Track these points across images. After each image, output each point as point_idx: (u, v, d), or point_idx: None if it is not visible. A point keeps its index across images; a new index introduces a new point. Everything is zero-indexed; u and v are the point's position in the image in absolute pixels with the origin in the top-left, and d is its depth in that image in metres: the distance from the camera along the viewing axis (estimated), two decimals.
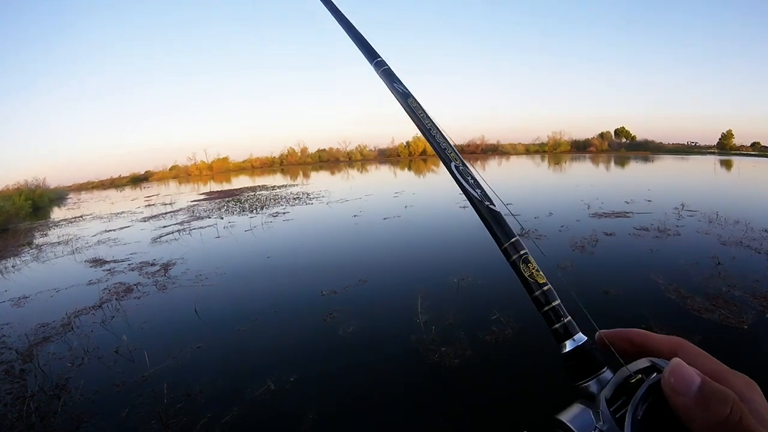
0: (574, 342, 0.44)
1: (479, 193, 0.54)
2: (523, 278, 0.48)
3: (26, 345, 5.32)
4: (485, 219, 0.52)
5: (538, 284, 0.47)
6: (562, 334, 0.44)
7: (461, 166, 0.56)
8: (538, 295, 0.46)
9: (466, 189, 0.55)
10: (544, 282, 0.47)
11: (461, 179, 0.55)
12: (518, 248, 0.49)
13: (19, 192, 33.50)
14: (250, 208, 16.40)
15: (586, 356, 0.43)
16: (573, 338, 0.44)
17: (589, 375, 0.42)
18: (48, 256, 11.32)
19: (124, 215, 18.84)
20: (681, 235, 8.10)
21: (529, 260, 0.48)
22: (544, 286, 0.47)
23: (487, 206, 0.53)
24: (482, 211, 0.53)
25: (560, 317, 0.45)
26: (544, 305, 0.46)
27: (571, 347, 0.43)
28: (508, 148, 59.11)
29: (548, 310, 0.46)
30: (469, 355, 4.10)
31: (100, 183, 61.54)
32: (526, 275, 0.47)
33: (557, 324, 0.45)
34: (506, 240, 0.50)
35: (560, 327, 0.45)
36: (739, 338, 4.08)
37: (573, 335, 0.44)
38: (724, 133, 54.87)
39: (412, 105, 0.65)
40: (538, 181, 21.77)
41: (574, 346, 0.43)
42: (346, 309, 5.39)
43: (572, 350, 0.43)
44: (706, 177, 22.16)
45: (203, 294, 6.46)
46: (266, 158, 63.46)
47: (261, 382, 3.88)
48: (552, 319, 0.45)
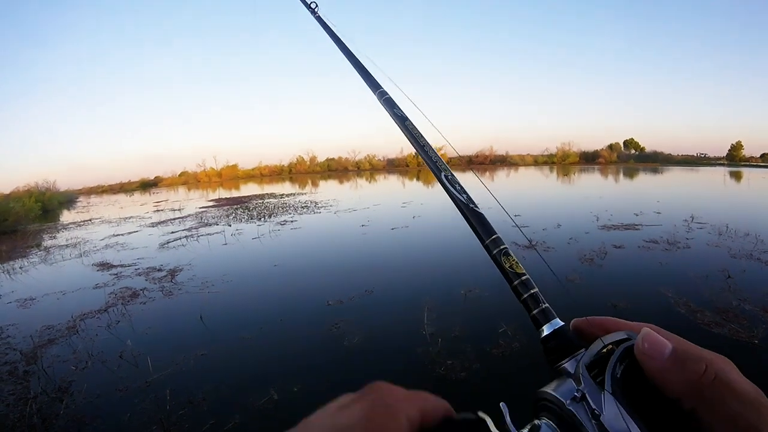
0: (552, 326, 0.46)
1: (465, 198, 0.60)
2: (504, 270, 0.52)
3: (31, 346, 5.34)
4: (469, 219, 0.58)
5: (517, 274, 0.50)
6: (540, 320, 0.47)
7: (450, 176, 0.64)
8: (517, 284, 0.50)
9: (453, 194, 0.61)
10: (522, 272, 0.51)
11: (449, 186, 0.62)
12: (498, 244, 0.54)
13: (29, 194, 33.84)
14: (258, 215, 16.43)
15: (563, 338, 0.45)
16: (550, 322, 0.47)
17: (566, 356, 0.43)
18: (56, 258, 11.40)
19: (132, 220, 18.96)
20: (691, 247, 8.02)
21: (509, 253, 0.53)
22: (523, 276, 0.50)
23: (471, 208, 0.59)
24: (466, 212, 0.59)
25: (538, 304, 0.48)
26: (522, 294, 0.49)
27: (549, 331, 0.46)
28: (517, 159, 59.13)
29: (527, 297, 0.49)
30: (475, 368, 4.04)
31: (109, 187, 62.12)
32: (506, 266, 0.51)
33: (535, 310, 0.48)
34: (488, 237, 0.55)
35: (538, 313, 0.47)
36: (750, 353, 4.00)
37: (550, 320, 0.47)
38: (733, 145, 54.76)
39: (409, 126, 0.76)
40: (547, 193, 21.71)
41: (552, 329, 0.46)
42: (352, 319, 5.35)
43: (550, 333, 0.46)
44: (715, 189, 22.02)
45: (209, 301, 6.45)
46: (275, 166, 63.89)
47: (264, 391, 3.85)
48: (530, 306, 0.48)
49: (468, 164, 35.05)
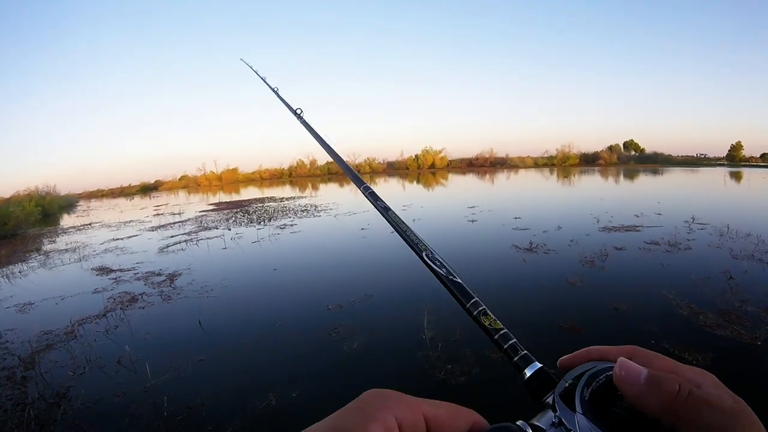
0: (532, 368, 0.50)
1: (445, 271, 0.65)
2: (484, 327, 0.56)
3: (29, 352, 5.31)
4: (450, 289, 0.63)
5: (496, 330, 0.55)
6: (521, 365, 0.51)
7: (430, 254, 0.69)
8: (497, 338, 0.54)
9: (434, 270, 0.66)
10: (500, 327, 0.55)
11: (431, 264, 0.68)
12: (477, 306, 0.58)
13: (30, 198, 33.83)
14: (258, 219, 16.42)
15: (542, 377, 0.49)
16: (530, 366, 0.50)
17: (547, 392, 0.46)
18: (55, 262, 11.38)
19: (132, 224, 18.95)
20: (692, 249, 7.99)
21: (487, 313, 0.57)
22: (501, 330, 0.55)
23: (452, 279, 0.64)
24: (448, 285, 0.64)
25: (517, 352, 0.52)
26: (503, 345, 0.53)
27: (530, 372, 0.49)
28: (517, 162, 59.10)
29: (507, 348, 0.53)
30: (475, 372, 4.01)
31: (110, 191, 62.16)
32: (486, 324, 0.56)
33: (516, 357, 0.52)
34: (468, 301, 0.60)
35: (519, 359, 0.51)
36: (753, 355, 3.98)
37: (530, 363, 0.50)
38: (733, 145, 54.74)
39: (392, 216, 0.84)
40: (547, 195, 21.70)
41: (532, 371, 0.49)
42: (352, 324, 5.32)
43: (531, 375, 0.49)
44: (716, 189, 22.00)
45: (208, 305, 6.43)
46: (275, 170, 63.92)
47: (263, 397, 3.82)
48: (511, 354, 0.52)
49: (468, 166, 35.32)
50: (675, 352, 3.99)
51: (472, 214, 13.72)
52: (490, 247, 9.23)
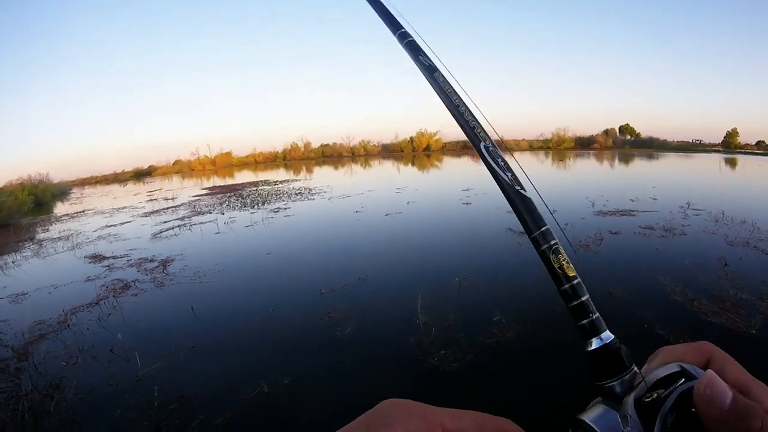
0: (601, 340, 0.42)
1: (510, 177, 0.51)
2: (552, 270, 0.46)
3: (22, 342, 5.27)
4: (515, 205, 0.50)
5: (567, 277, 0.45)
6: (589, 331, 0.43)
7: (491, 147, 0.53)
8: (566, 288, 0.45)
9: (495, 171, 0.52)
10: (573, 275, 0.45)
11: (491, 161, 0.52)
12: (548, 238, 0.47)
13: (22, 187, 33.53)
14: (252, 203, 16.35)
15: (612, 355, 0.41)
16: (600, 336, 0.42)
17: (614, 375, 0.40)
18: (48, 251, 11.30)
19: (125, 210, 18.83)
20: (687, 234, 7.99)
21: (559, 251, 0.46)
22: (574, 280, 0.45)
23: (518, 191, 0.50)
24: (512, 196, 0.50)
25: (588, 313, 0.43)
26: (572, 299, 0.44)
27: (597, 345, 0.42)
28: (512, 145, 58.89)
29: (576, 304, 0.44)
30: (469, 359, 4.00)
31: (103, 178, 61.49)
32: (555, 266, 0.46)
33: (585, 320, 0.43)
34: (536, 228, 0.48)
35: (587, 323, 0.43)
36: (747, 343, 3.97)
37: (600, 333, 0.43)
38: (729, 132, 54.66)
39: (439, 80, 0.61)
40: (542, 178, 21.65)
41: (601, 344, 0.42)
42: (345, 308, 5.31)
43: (598, 348, 0.42)
44: (711, 175, 22.04)
45: (201, 291, 6.41)
46: (269, 153, 63.45)
47: (255, 384, 3.81)
48: (580, 314, 0.44)
49: (463, 149, 35.20)
50: (669, 339, 3.99)
51: (467, 197, 13.69)
52: (484, 230, 9.18)
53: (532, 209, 0.49)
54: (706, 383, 0.35)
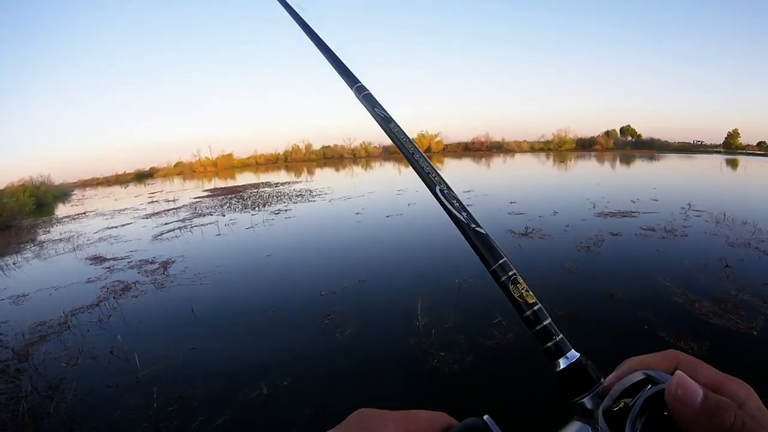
0: (567, 359, 0.43)
1: (465, 216, 0.53)
2: (513, 299, 0.47)
3: (22, 344, 5.28)
4: (472, 242, 0.52)
5: (528, 304, 0.46)
6: (555, 352, 0.44)
7: (446, 190, 0.56)
8: (528, 315, 0.46)
9: (452, 213, 0.54)
10: (533, 302, 0.46)
11: (446, 203, 0.55)
12: (506, 269, 0.49)
13: (24, 188, 33.60)
14: (253, 205, 16.35)
15: (580, 372, 0.43)
16: (566, 356, 0.44)
17: (584, 391, 0.41)
18: (49, 253, 11.31)
19: (126, 212, 18.85)
20: (688, 235, 7.98)
21: (518, 281, 0.48)
22: (534, 306, 0.46)
23: (474, 229, 0.52)
24: (469, 234, 0.52)
25: (552, 336, 0.45)
26: (535, 325, 0.46)
27: (565, 365, 0.43)
28: (513, 146, 58.95)
29: (540, 329, 0.45)
30: (468, 360, 4.00)
31: (104, 179, 61.55)
32: (515, 296, 0.47)
33: (549, 343, 0.45)
34: (494, 262, 0.49)
35: (552, 345, 0.44)
36: (748, 345, 3.96)
37: (566, 353, 0.44)
38: (730, 132, 54.60)
39: (394, 129, 0.65)
40: (543, 180, 21.65)
41: (568, 363, 0.43)
42: (345, 310, 5.30)
43: (566, 367, 0.43)
44: (712, 176, 22.01)
45: (201, 293, 6.41)
46: (270, 155, 63.48)
47: (254, 385, 3.81)
48: (544, 338, 0.45)
49: (464, 151, 35.33)
50: (670, 341, 3.98)
51: (468, 199, 13.64)
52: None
53: (488, 244, 0.51)
54: (676, 384, 0.36)
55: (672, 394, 0.35)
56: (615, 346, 4.06)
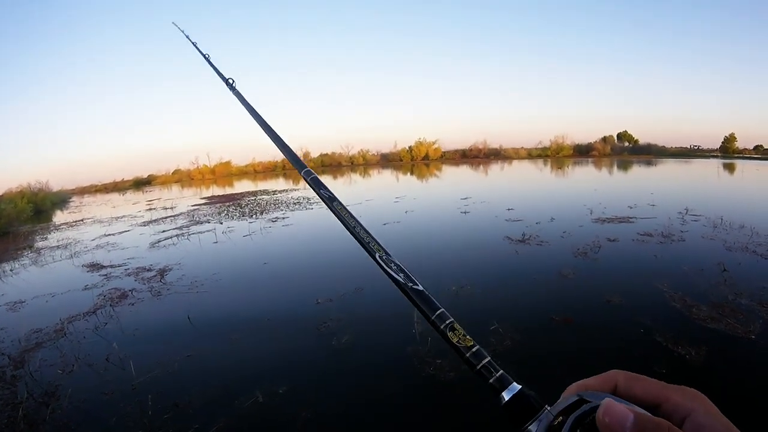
0: (510, 391, 0.46)
1: (403, 277, 0.58)
2: (453, 345, 0.51)
3: (19, 350, 5.27)
4: (411, 298, 0.56)
5: (467, 347, 0.50)
6: (498, 387, 0.47)
7: (384, 256, 0.62)
8: (468, 357, 0.50)
9: (391, 275, 0.59)
10: (472, 344, 0.50)
11: (386, 267, 0.61)
12: (444, 318, 0.53)
13: (22, 195, 33.57)
14: (250, 212, 16.35)
15: (524, 401, 0.45)
16: (508, 388, 0.46)
17: (529, 418, 0.43)
18: (46, 260, 11.29)
19: (124, 219, 18.85)
20: (685, 240, 7.98)
21: (455, 327, 0.52)
22: (473, 348, 0.50)
23: (411, 287, 0.57)
24: (408, 292, 0.57)
25: (492, 372, 0.48)
26: (476, 365, 0.49)
27: (509, 396, 0.46)
28: (511, 153, 59.08)
29: (480, 368, 0.48)
30: (465, 368, 3.92)
31: (103, 186, 61.67)
32: (454, 341, 0.51)
33: (491, 379, 0.47)
34: (432, 313, 0.54)
35: (495, 381, 0.47)
36: (747, 349, 3.95)
37: (507, 386, 0.46)
38: (726, 137, 54.79)
39: (337, 207, 0.73)
40: (541, 186, 21.69)
41: (511, 395, 0.46)
42: (341, 318, 5.29)
43: (510, 399, 0.45)
44: (709, 181, 22.03)
45: (197, 301, 6.38)
46: (269, 163, 63.57)
47: (250, 393, 3.78)
48: (485, 375, 0.48)
49: (461, 158, 35.33)
50: (668, 346, 3.97)
51: (465, 206, 13.69)
52: (482, 238, 9.18)
53: (426, 299, 0.55)
54: (603, 410, 0.36)
55: (601, 422, 0.36)
56: (612, 352, 4.06)
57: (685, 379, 3.52)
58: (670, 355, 3.85)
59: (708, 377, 3.57)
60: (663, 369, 3.63)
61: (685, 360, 3.77)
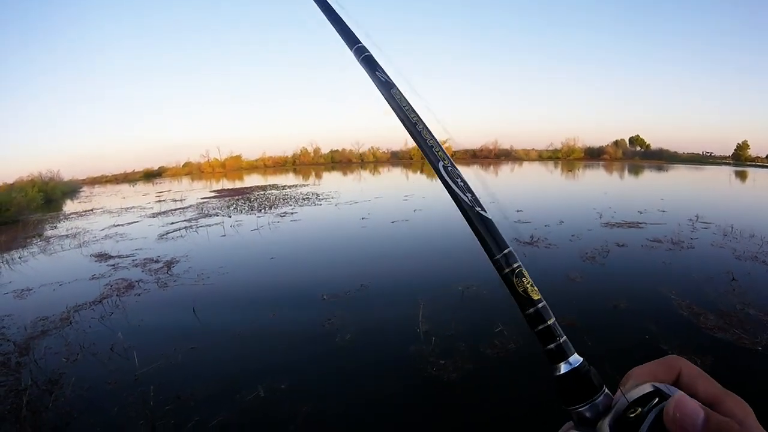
0: (570, 364, 0.41)
1: (470, 198, 0.50)
2: (516, 293, 0.44)
3: (24, 337, 5.31)
4: (475, 227, 0.49)
5: (531, 300, 0.43)
6: (557, 355, 0.41)
7: (450, 167, 0.51)
8: (531, 312, 0.43)
9: (454, 192, 0.50)
10: (538, 298, 0.43)
11: (449, 180, 0.51)
12: (511, 261, 0.46)
13: (33, 184, 33.88)
14: (259, 207, 16.39)
15: (582, 379, 0.40)
16: (568, 360, 0.41)
17: (584, 399, 0.39)
18: (55, 248, 11.39)
19: (134, 210, 18.96)
20: (695, 248, 7.89)
21: (523, 274, 0.45)
22: (539, 303, 0.43)
23: (478, 212, 0.49)
24: (472, 218, 0.49)
25: (555, 337, 0.42)
26: (537, 323, 0.43)
27: (566, 369, 0.41)
28: (521, 154, 58.92)
29: (542, 328, 0.42)
30: (468, 369, 3.95)
31: (113, 177, 62.09)
32: (519, 290, 0.44)
33: (552, 344, 0.42)
34: (498, 251, 0.46)
35: (555, 347, 0.42)
36: (753, 360, 3.90)
37: (568, 357, 0.41)
38: (739, 144, 54.28)
39: (396, 96, 0.58)
40: (551, 188, 21.58)
41: (569, 368, 0.41)
42: (346, 315, 5.28)
43: (567, 372, 0.40)
44: (720, 188, 21.84)
45: (203, 293, 6.41)
46: (279, 157, 63.80)
47: (252, 387, 3.79)
48: (546, 338, 0.42)
49: (472, 157, 35.14)
50: (674, 354, 3.91)
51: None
52: None
53: (493, 231, 0.48)
54: (675, 405, 0.34)
55: (671, 417, 0.34)
56: (617, 357, 4.02)
57: None
58: None
59: None
60: None
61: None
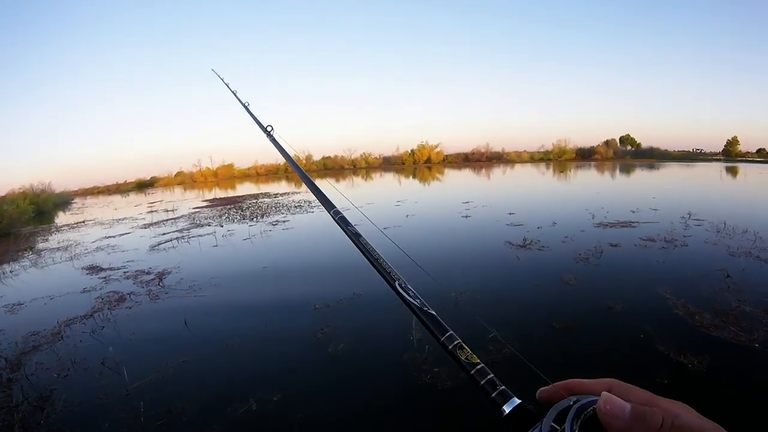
0: (511, 404, 0.49)
1: (418, 302, 0.65)
2: (460, 362, 0.56)
3: (15, 353, 5.23)
4: (424, 321, 0.63)
5: (472, 364, 0.55)
6: (499, 402, 0.50)
7: (403, 284, 0.70)
8: (473, 374, 0.54)
9: (407, 300, 0.66)
10: (477, 362, 0.55)
11: (403, 293, 0.68)
12: (453, 340, 0.59)
13: (24, 196, 33.61)
14: (251, 216, 16.31)
15: (523, 413, 0.48)
16: (509, 402, 0.50)
17: (529, 427, 0.46)
18: (46, 261, 11.28)
19: (125, 221, 18.85)
20: (688, 245, 7.90)
21: (463, 347, 0.58)
22: (478, 365, 0.55)
23: (426, 311, 0.64)
24: (421, 316, 0.64)
25: (495, 387, 0.52)
26: (479, 381, 0.53)
27: (509, 409, 0.49)
28: (513, 156, 59.11)
29: (484, 384, 0.53)
30: (463, 376, 3.85)
31: (105, 188, 61.73)
32: (462, 359, 0.56)
33: (494, 394, 0.51)
34: (442, 335, 0.60)
35: (497, 396, 0.51)
36: (750, 357, 3.89)
37: (508, 400, 0.50)
38: (729, 140, 54.85)
39: (363, 242, 0.85)
40: (543, 190, 21.61)
41: (511, 408, 0.49)
42: (338, 324, 5.23)
43: (510, 412, 0.49)
44: (712, 185, 21.95)
45: (195, 305, 6.34)
46: (271, 165, 63.60)
47: (244, 401, 3.74)
48: (488, 391, 0.52)
49: (464, 161, 35.53)
50: (670, 354, 3.90)
51: (466, 210, 13.62)
52: (483, 243, 9.13)
53: (436, 322, 0.63)
54: (604, 400, 0.41)
55: (602, 410, 0.40)
56: (613, 359, 4.01)
57: (687, 388, 3.48)
58: (672, 364, 3.79)
59: (711, 386, 3.51)
60: (665, 379, 3.57)
61: (687, 369, 3.70)
